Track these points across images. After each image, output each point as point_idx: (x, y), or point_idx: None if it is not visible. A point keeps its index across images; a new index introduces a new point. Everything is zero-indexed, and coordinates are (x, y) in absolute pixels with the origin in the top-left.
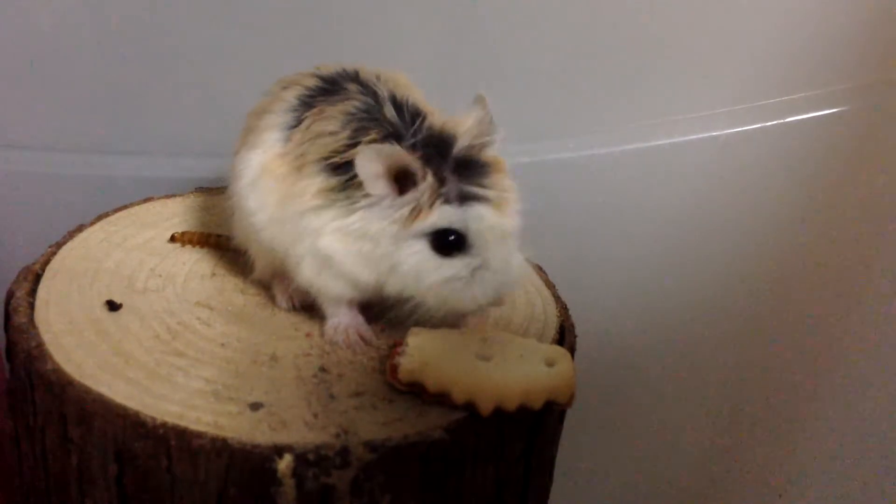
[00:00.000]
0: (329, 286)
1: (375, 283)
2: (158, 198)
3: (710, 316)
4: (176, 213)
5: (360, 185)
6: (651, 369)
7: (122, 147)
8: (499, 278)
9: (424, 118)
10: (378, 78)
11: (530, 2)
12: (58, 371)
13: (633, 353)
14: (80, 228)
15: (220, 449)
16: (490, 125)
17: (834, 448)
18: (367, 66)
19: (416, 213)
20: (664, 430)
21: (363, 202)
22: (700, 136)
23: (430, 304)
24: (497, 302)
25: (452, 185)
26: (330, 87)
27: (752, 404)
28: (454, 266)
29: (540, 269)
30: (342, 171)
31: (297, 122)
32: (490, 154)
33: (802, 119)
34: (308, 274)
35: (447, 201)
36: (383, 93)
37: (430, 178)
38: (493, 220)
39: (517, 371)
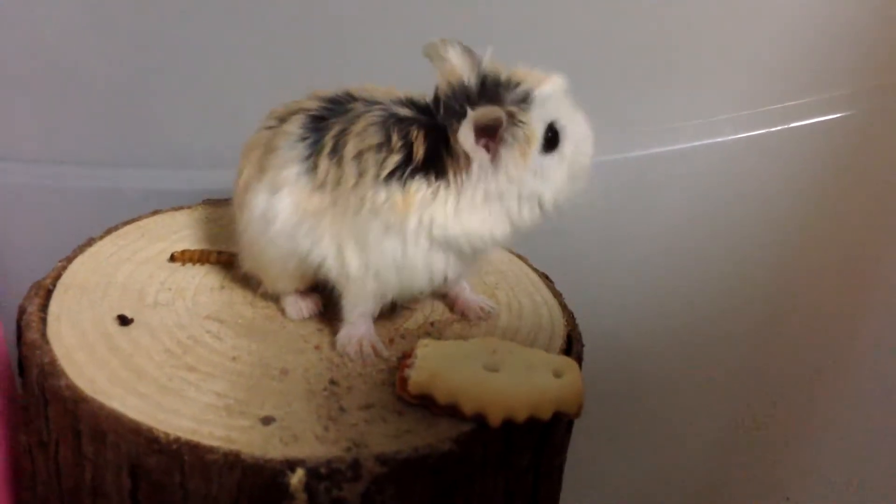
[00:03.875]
0: (432, 267)
1: (536, 221)
2: (166, 210)
3: (716, 322)
4: (184, 226)
5: (446, 171)
6: (658, 376)
7: (129, 159)
8: (585, 160)
9: (432, 97)
10: (368, 92)
11: (532, 10)
12: (71, 387)
13: (640, 361)
14: (90, 242)
15: (233, 463)
16: (470, 52)
17: (841, 451)
18: (355, 86)
19: (522, 146)
20: (672, 436)
21: (467, 177)
22: (704, 142)
23: (571, 192)
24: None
25: (513, 100)
26: (335, 108)
27: (759, 411)
28: (563, 156)
29: (546, 278)
30: (426, 170)
31: (311, 150)
32: (492, 68)
33: (806, 124)
34: (408, 273)
35: (525, 114)
36: (387, 99)
37: (511, 112)
38: (555, 91)
39: (526, 382)
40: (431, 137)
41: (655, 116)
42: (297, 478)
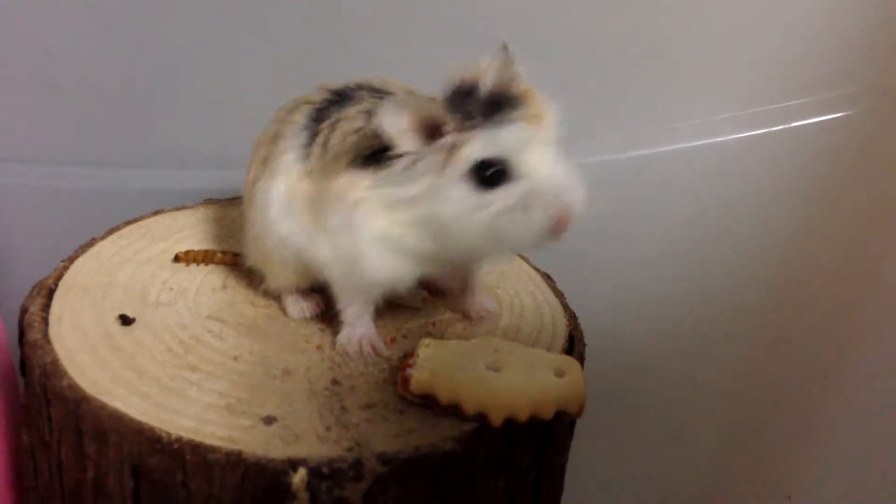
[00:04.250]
0: (385, 273)
1: (439, 250)
2: (168, 210)
3: (717, 321)
4: (186, 226)
5: (394, 159)
6: (660, 376)
7: (131, 159)
8: (556, 194)
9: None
10: (386, 84)
11: (533, 9)
12: (73, 387)
13: (642, 360)
14: (92, 242)
15: (235, 463)
16: (511, 63)
17: (843, 450)
18: (376, 78)
19: (450, 155)
20: (674, 436)
21: (400, 168)
22: (705, 141)
23: (489, 247)
24: (560, 227)
25: (480, 119)
26: (339, 98)
27: (761, 410)
28: (503, 196)
29: (548, 278)
30: (377, 159)
31: (311, 140)
32: (518, 87)
33: (806, 124)
34: (358, 269)
35: (482, 131)
36: (396, 89)
37: (455, 116)
38: (528, 134)
39: (527, 382)
40: None
41: (656, 116)
42: (298, 477)
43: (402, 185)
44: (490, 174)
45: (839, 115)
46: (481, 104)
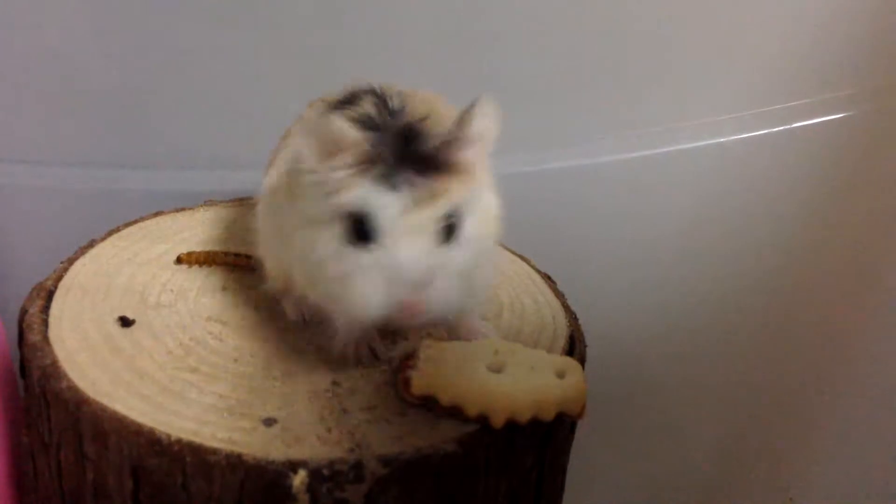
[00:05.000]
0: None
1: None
2: (168, 212)
3: (719, 322)
4: (186, 227)
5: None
6: (661, 377)
7: (131, 160)
8: (394, 277)
9: (406, 114)
10: (401, 93)
11: (533, 9)
12: (73, 389)
13: (643, 361)
14: (92, 244)
15: (235, 465)
16: (470, 126)
17: (844, 451)
18: (393, 85)
19: (335, 190)
20: (675, 437)
21: (306, 182)
22: (705, 142)
23: (329, 304)
24: (400, 313)
25: (383, 169)
26: (348, 99)
27: (762, 411)
28: (357, 258)
29: (549, 279)
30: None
31: None
32: (462, 156)
33: (807, 125)
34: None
35: (364, 181)
36: (393, 102)
37: (354, 154)
38: (400, 211)
39: (529, 383)
40: None
41: (657, 117)
42: (299, 479)
43: (294, 203)
44: (359, 228)
45: (840, 115)
46: (403, 153)
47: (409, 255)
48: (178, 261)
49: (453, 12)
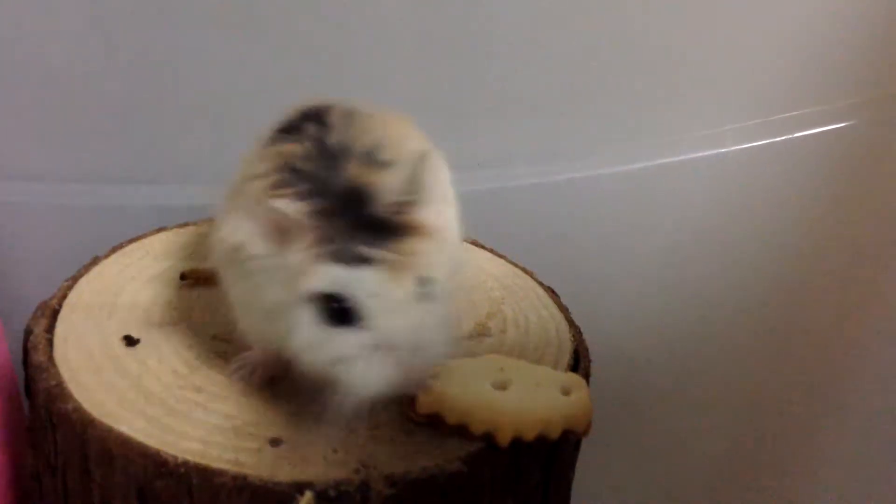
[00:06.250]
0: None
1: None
2: (172, 227)
3: (723, 334)
4: (190, 243)
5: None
6: (665, 390)
7: (134, 176)
8: (391, 353)
9: (347, 171)
10: (350, 118)
11: (536, 20)
12: (79, 410)
13: (647, 374)
14: (96, 261)
15: (242, 487)
16: (421, 185)
17: (847, 459)
18: (346, 104)
19: (299, 274)
20: (680, 449)
21: (253, 265)
22: (707, 153)
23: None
24: (412, 386)
25: (342, 245)
26: (288, 127)
27: (767, 421)
28: (345, 341)
29: (553, 293)
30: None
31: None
32: (414, 217)
33: (809, 134)
34: None
35: (331, 261)
36: (333, 138)
37: (310, 234)
38: (377, 286)
39: (534, 400)
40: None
41: (659, 127)
42: (305, 500)
43: (256, 279)
44: (336, 310)
45: (842, 125)
46: (355, 223)
47: (402, 329)
48: (182, 278)
49: (453, 25)
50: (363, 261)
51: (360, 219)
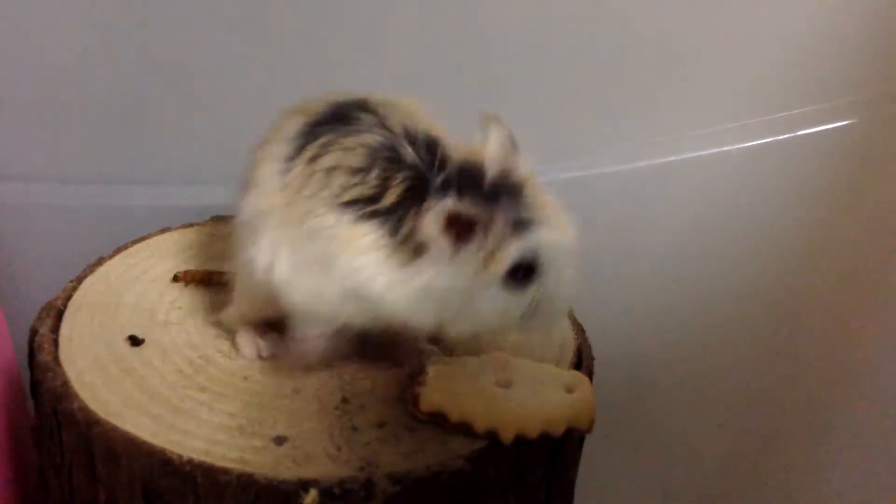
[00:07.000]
0: (345, 319)
1: (433, 327)
2: (175, 228)
3: (726, 332)
4: (193, 244)
5: (402, 236)
6: (668, 389)
7: (137, 177)
8: (568, 299)
9: (444, 153)
10: (387, 107)
11: (537, 19)
12: (84, 410)
13: (650, 373)
14: (100, 261)
15: (246, 485)
16: (511, 143)
17: (854, 461)
18: (374, 94)
19: (487, 258)
20: (684, 448)
21: (425, 257)
22: (709, 151)
23: (503, 329)
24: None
25: (505, 218)
26: (339, 115)
27: (772, 421)
28: (526, 298)
29: None
30: (385, 218)
31: (295, 154)
32: (520, 173)
33: (811, 132)
34: (323, 308)
35: (509, 235)
36: (397, 127)
37: (491, 222)
38: (554, 240)
39: (537, 398)
40: (411, 194)
41: (660, 127)
42: (310, 498)
43: (425, 273)
44: (520, 275)
45: (844, 123)
46: (495, 196)
47: (571, 272)
48: (175, 279)
49: (455, 23)
50: (528, 224)
51: (494, 191)
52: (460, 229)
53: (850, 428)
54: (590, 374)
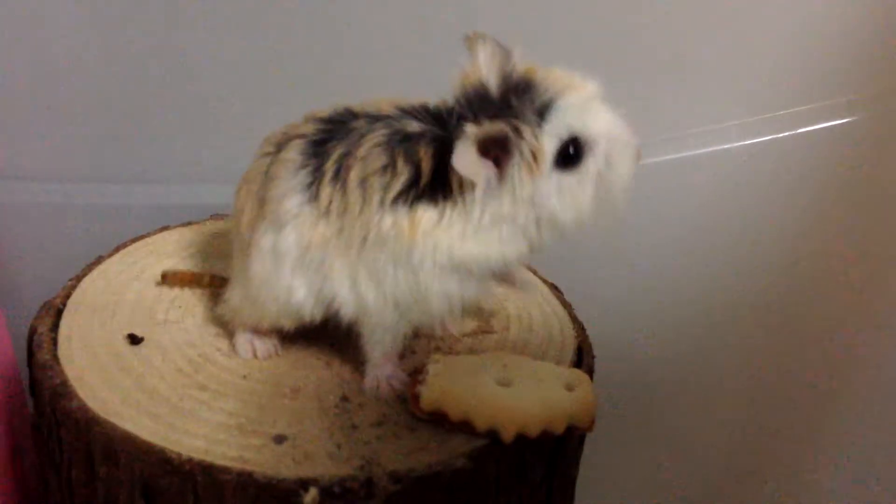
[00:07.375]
0: (445, 304)
1: (526, 251)
2: (175, 226)
3: (726, 330)
4: (193, 242)
5: (453, 191)
6: (669, 386)
7: (137, 175)
8: (624, 140)
9: (440, 103)
10: (369, 106)
11: (537, 15)
12: (83, 408)
13: (651, 371)
14: (100, 260)
15: (246, 484)
16: (499, 47)
17: (854, 459)
18: (357, 102)
19: (534, 156)
20: (684, 446)
21: (473, 197)
22: (710, 149)
23: (597, 216)
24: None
25: (525, 114)
26: (334, 129)
27: (772, 420)
28: (589, 165)
29: (556, 289)
30: (433, 187)
31: (314, 177)
32: (520, 69)
33: (811, 130)
34: (422, 305)
35: (538, 125)
36: (389, 112)
37: (517, 124)
38: (580, 101)
39: (538, 397)
40: (440, 153)
41: (661, 124)
42: (310, 497)
43: (487, 208)
44: (570, 153)
45: (844, 120)
46: (511, 100)
47: (611, 122)
48: (163, 280)
49: (453, 25)
50: (550, 104)
51: (507, 95)
52: (494, 149)
53: (850, 427)
54: (590, 373)
